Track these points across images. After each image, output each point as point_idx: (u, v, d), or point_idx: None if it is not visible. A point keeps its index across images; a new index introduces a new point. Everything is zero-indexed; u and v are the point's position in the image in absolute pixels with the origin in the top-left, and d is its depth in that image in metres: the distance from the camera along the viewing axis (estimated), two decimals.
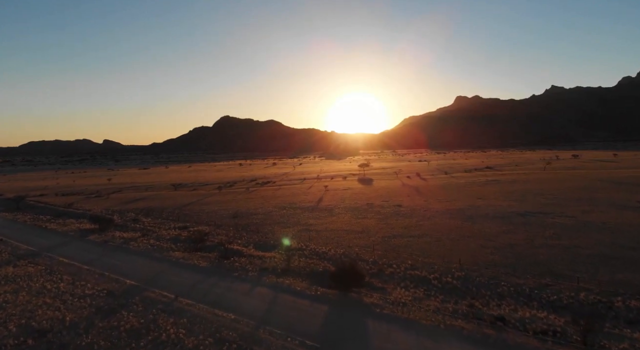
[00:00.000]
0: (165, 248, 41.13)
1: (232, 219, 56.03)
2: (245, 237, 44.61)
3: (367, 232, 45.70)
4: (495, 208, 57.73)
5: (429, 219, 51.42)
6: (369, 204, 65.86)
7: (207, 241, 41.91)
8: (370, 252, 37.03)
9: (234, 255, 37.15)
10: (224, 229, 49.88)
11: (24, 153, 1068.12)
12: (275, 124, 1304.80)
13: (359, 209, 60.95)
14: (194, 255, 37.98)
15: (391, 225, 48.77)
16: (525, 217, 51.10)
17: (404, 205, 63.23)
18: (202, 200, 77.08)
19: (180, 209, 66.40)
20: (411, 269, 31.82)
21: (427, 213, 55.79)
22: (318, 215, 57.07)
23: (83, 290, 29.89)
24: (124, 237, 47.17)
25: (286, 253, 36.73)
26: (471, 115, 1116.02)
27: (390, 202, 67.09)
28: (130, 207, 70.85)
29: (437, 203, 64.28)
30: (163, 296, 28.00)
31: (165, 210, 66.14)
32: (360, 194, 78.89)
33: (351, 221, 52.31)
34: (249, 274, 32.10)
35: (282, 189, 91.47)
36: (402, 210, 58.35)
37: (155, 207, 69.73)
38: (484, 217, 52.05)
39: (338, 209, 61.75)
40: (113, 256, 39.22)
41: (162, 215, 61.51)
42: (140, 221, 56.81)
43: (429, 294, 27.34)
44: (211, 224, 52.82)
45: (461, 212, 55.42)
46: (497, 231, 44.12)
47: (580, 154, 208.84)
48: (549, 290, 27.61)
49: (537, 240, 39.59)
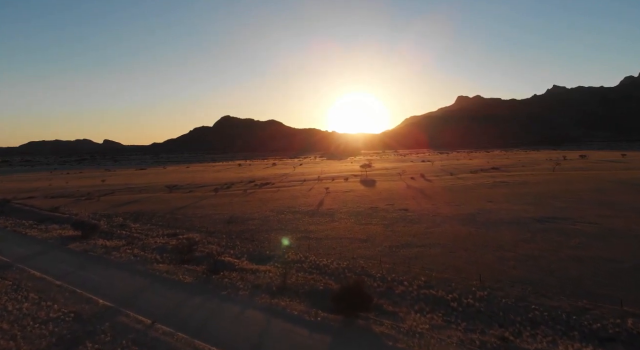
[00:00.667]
0: (149, 259, 37.22)
1: (226, 225, 52.13)
2: (238, 247, 40.70)
3: (372, 240, 41.78)
4: (508, 212, 53.75)
5: (438, 226, 47.48)
6: (373, 207, 61.93)
7: (196, 252, 37.99)
8: (377, 265, 33.10)
9: (225, 268, 33.21)
10: (217, 236, 45.97)
11: (24, 153, 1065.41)
12: (275, 124, 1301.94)
13: (362, 214, 57.01)
14: (179, 269, 34.05)
15: (398, 232, 44.84)
16: (542, 223, 47.14)
17: (410, 209, 59.29)
18: (197, 203, 73.18)
19: (172, 214, 62.52)
20: (425, 287, 27.88)
21: (436, 218, 51.84)
22: (318, 221, 53.13)
23: (48, 313, 25.98)
24: (107, 245, 43.27)
25: (282, 266, 32.90)
26: (472, 115, 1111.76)
27: (395, 205, 63.13)
28: (120, 210, 67.00)
29: (446, 207, 60.33)
30: (138, 322, 24.06)
31: (156, 214, 62.27)
32: (363, 196, 74.95)
33: (354, 227, 48.40)
34: (240, 292, 28.15)
35: (281, 191, 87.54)
36: (408, 215, 54.41)
37: (146, 211, 65.86)
38: (497, 223, 48.09)
39: (340, 214, 57.82)
40: (91, 269, 35.31)
41: (152, 220, 57.63)
42: (127, 227, 52.94)
43: (449, 320, 23.36)
44: (203, 231, 48.90)
45: (472, 218, 51.46)
46: (514, 240, 40.18)
47: (588, 155, 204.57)
48: (589, 315, 23.65)
49: (562, 251, 35.65)
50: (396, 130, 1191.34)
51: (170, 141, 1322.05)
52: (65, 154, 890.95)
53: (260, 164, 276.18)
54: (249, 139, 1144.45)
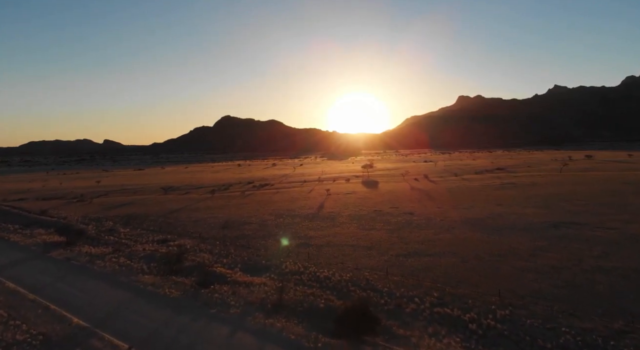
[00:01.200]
0: (135, 270, 34.25)
1: (220, 230, 49.16)
2: (232, 255, 37.73)
3: (377, 247, 38.83)
4: (520, 217, 50.72)
5: (447, 231, 44.50)
6: (376, 211, 58.92)
7: (185, 261, 35.03)
8: (384, 277, 30.15)
9: (216, 281, 30.24)
10: (210, 243, 43.02)
11: (24, 153, 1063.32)
12: (276, 124, 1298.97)
13: (365, 218, 54.02)
14: (167, 281, 31.11)
15: (405, 238, 41.88)
16: (559, 229, 44.14)
17: (416, 213, 56.29)
18: (192, 206, 70.22)
19: (166, 217, 59.56)
20: (438, 305, 24.91)
21: (444, 223, 48.84)
22: (319, 225, 50.16)
23: (13, 335, 23.00)
24: (92, 253, 40.32)
25: (279, 279, 29.99)
26: (473, 115, 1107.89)
27: (400, 209, 60.14)
28: (111, 213, 64.08)
29: (453, 210, 57.34)
30: (113, 347, 21.08)
31: (148, 218, 59.34)
32: (365, 199, 71.96)
33: (357, 233, 45.45)
34: (231, 311, 25.16)
35: (280, 193, 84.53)
36: (414, 220, 51.42)
37: (138, 214, 62.94)
38: (510, 228, 45.10)
39: (342, 218, 54.85)
40: (70, 280, 32.36)
41: (143, 224, 54.66)
42: (116, 232, 49.99)
43: (469, 346, 20.30)
44: (196, 237, 45.94)
45: (482, 222, 48.46)
46: (531, 248, 37.17)
47: (593, 155, 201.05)
48: (629, 340, 20.61)
49: (585, 262, 32.66)
50: (397, 130, 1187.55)
51: (171, 141, 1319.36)
52: (65, 154, 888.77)
53: (260, 165, 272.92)
54: (249, 139, 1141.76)
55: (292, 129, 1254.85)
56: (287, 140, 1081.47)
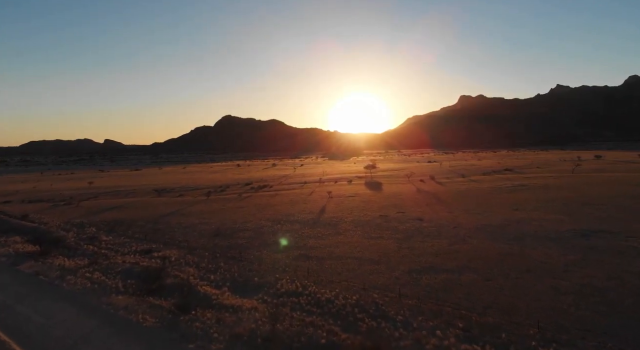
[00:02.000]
0: (109, 288, 29.90)
1: (212, 238, 44.81)
2: (221, 269, 33.36)
3: (386, 261, 34.42)
4: (541, 224, 46.21)
5: (463, 241, 40.09)
6: (382, 216, 54.51)
7: (167, 277, 30.76)
8: (396, 300, 25.74)
9: (199, 304, 25.87)
10: (198, 254, 38.67)
11: (25, 153, 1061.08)
12: (277, 124, 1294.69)
13: (370, 224, 49.60)
14: (142, 304, 26.74)
15: (416, 249, 37.48)
16: (587, 239, 39.66)
17: (425, 218, 51.85)
18: (184, 209, 65.91)
19: (154, 223, 55.24)
20: (466, 340, 20.29)
21: (459, 231, 44.38)
22: (320, 233, 45.77)
23: None
24: (65, 266, 35.96)
25: (273, 302, 25.65)
26: (475, 114, 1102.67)
27: (407, 214, 55.68)
28: (96, 218, 59.78)
29: (466, 216, 52.87)
30: None
31: (135, 223, 55.02)
32: (369, 202, 67.54)
33: (363, 242, 41.07)
34: (212, 346, 20.70)
35: (279, 196, 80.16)
36: (425, 226, 47.00)
37: (125, 219, 58.65)
38: (533, 237, 40.67)
39: (345, 224, 50.45)
40: (33, 301, 28.00)
41: (128, 231, 50.31)
42: (97, 240, 45.65)
43: None
44: (183, 247, 41.58)
45: (501, 230, 44.01)
46: (561, 262, 32.70)
47: (604, 155, 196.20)
48: None
49: (629, 280, 28.06)
50: (398, 130, 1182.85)
51: (171, 141, 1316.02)
52: (66, 153, 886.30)
53: (259, 165, 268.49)
54: (250, 139, 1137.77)
55: (293, 129, 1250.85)
56: (288, 140, 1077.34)
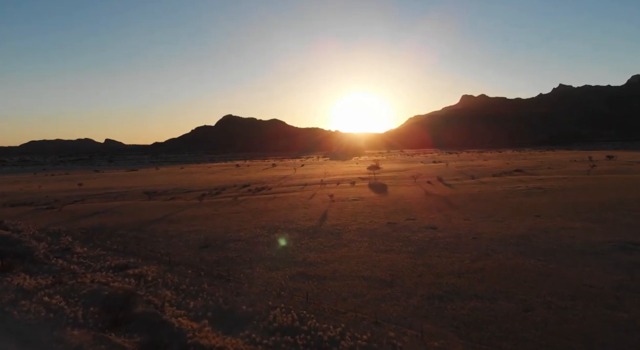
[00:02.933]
0: (66, 318, 24.63)
1: (198, 251, 39.60)
2: (205, 293, 28.13)
3: (401, 283, 29.08)
4: (570, 234, 40.75)
5: (487, 256, 34.75)
6: (391, 223, 49.25)
7: (138, 305, 25.57)
8: (418, 341, 20.53)
9: (170, 343, 20.66)
10: (180, 271, 33.46)
11: (25, 152, 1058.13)
12: (278, 123, 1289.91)
13: (377, 233, 44.28)
14: (100, 342, 21.43)
15: (434, 267, 32.21)
16: (629, 253, 34.06)
17: (439, 226, 46.56)
18: (173, 215, 60.70)
19: (138, 230, 50.06)
20: None
21: (480, 243, 39.01)
22: (321, 245, 40.53)
23: None
24: (24, 287, 30.68)
25: (263, 343, 20.45)
26: (477, 114, 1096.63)
27: (418, 220, 50.40)
28: (77, 225, 54.58)
29: (484, 223, 47.54)
30: None
31: (117, 231, 49.84)
32: (375, 206, 62.20)
33: (371, 257, 35.80)
34: None
35: (277, 199, 74.90)
36: (440, 237, 41.71)
37: (108, 225, 53.49)
38: (566, 251, 35.26)
39: (349, 233, 45.16)
40: None
41: (108, 241, 45.11)
42: (70, 252, 40.45)
43: None
44: (165, 261, 36.37)
45: (527, 242, 38.67)
46: (608, 284, 27.13)
47: (615, 155, 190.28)
48: None
49: None
50: (400, 129, 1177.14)
51: (172, 141, 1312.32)
52: (66, 153, 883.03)
53: (259, 165, 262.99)
54: (251, 139, 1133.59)
55: (294, 129, 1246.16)
56: (289, 139, 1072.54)
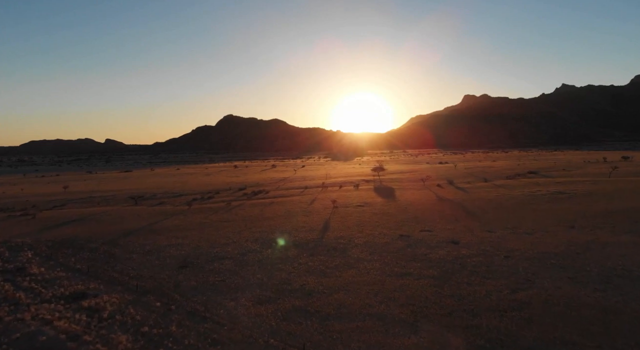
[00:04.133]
0: None
1: (175, 272, 33.07)
2: (171, 338, 21.15)
3: (427, 325, 21.96)
4: (622, 253, 33.42)
5: (530, 283, 27.93)
6: (403, 236, 42.62)
7: None
8: None
9: None
10: (147, 302, 26.88)
11: (25, 152, 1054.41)
12: (279, 123, 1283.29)
13: (389, 249, 37.48)
14: None
15: (466, 299, 25.48)
16: None
17: (461, 241, 39.90)
18: (157, 224, 54.15)
19: (113, 243, 43.56)
20: None
21: (515, 264, 31.91)
22: (323, 265, 33.75)
23: None
24: None
25: None
26: (480, 114, 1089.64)
27: (435, 232, 43.74)
28: (46, 236, 48.10)
29: (512, 237, 40.83)
30: None
31: (89, 244, 43.31)
32: (383, 214, 55.53)
33: (384, 283, 29.12)
34: None
35: (275, 204, 68.32)
36: (465, 255, 34.91)
37: (81, 236, 46.98)
38: (627, 277, 28.04)
39: (356, 248, 38.52)
40: None
41: (73, 257, 38.55)
42: (23, 274, 33.78)
43: None
44: (132, 287, 29.79)
45: (572, 262, 31.76)
46: None
47: (631, 156, 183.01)
48: None
49: None
50: (402, 129, 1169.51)
51: (173, 140, 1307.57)
52: (66, 153, 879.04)
53: (258, 166, 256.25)
54: (252, 139, 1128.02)
55: (295, 128, 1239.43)
56: (290, 139, 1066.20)
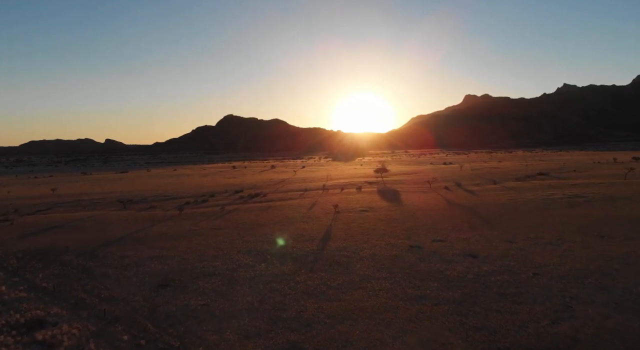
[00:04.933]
0: None
1: (153, 293, 28.57)
2: None
3: None
4: None
5: (569, 310, 23.21)
6: (414, 247, 38.06)
7: None
8: None
9: None
10: (114, 334, 22.10)
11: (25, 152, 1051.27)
12: (280, 123, 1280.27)
13: (400, 264, 32.61)
14: None
15: (496, 334, 20.64)
16: None
17: (480, 253, 35.34)
18: (143, 231, 49.61)
19: (90, 255, 39.10)
20: None
21: (546, 283, 27.09)
22: (324, 284, 28.84)
23: None
24: None
25: None
26: (481, 114, 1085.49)
27: (449, 242, 39.14)
28: (21, 246, 43.55)
29: (537, 249, 36.11)
30: None
31: (64, 255, 38.86)
32: (390, 221, 50.98)
33: (397, 310, 24.31)
34: None
35: (272, 209, 63.84)
36: (487, 271, 30.08)
37: (58, 246, 42.55)
38: None
39: (361, 263, 33.69)
40: None
41: (42, 272, 34.05)
42: None
43: None
44: (99, 313, 25.33)
45: (612, 281, 26.69)
46: None
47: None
48: None
49: None
50: (403, 129, 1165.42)
51: (173, 141, 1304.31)
52: (66, 153, 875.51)
53: (257, 166, 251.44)
54: (252, 139, 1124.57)
55: (296, 129, 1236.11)
56: (290, 139, 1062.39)
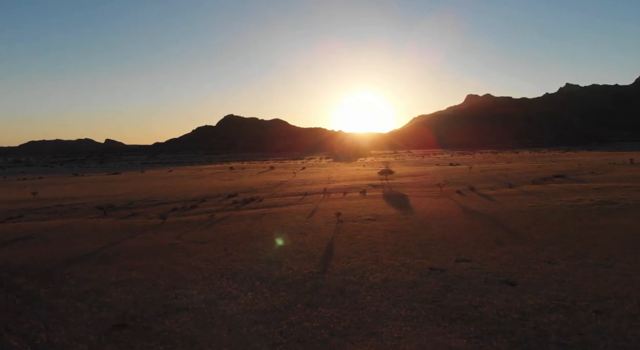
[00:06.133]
0: None
1: (104, 338, 21.66)
2: None
3: None
4: None
5: None
6: (435, 270, 30.41)
7: None
8: None
9: None
10: None
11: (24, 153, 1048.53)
12: (280, 123, 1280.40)
13: (420, 293, 22.02)
14: None
15: None
16: None
17: (516, 277, 27.89)
18: (116, 245, 42.87)
19: (46, 277, 32.59)
20: None
21: (617, 326, 16.10)
22: (325, 327, 17.99)
23: None
24: None
25: None
26: (483, 114, 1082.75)
27: (477, 263, 30.86)
28: None
29: (586, 272, 28.94)
30: None
31: (14, 278, 31.96)
32: (401, 232, 43.73)
33: None
34: None
35: (266, 217, 57.04)
36: (534, 308, 19.40)
37: (14, 264, 35.79)
38: None
39: (371, 291, 23.81)
40: None
41: None
42: None
43: None
44: None
45: None
46: None
47: None
48: None
49: None
50: (404, 129, 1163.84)
51: (173, 141, 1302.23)
52: (65, 154, 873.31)
53: (256, 167, 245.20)
54: (253, 138, 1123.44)
55: (296, 129, 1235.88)
56: (291, 139, 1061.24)
